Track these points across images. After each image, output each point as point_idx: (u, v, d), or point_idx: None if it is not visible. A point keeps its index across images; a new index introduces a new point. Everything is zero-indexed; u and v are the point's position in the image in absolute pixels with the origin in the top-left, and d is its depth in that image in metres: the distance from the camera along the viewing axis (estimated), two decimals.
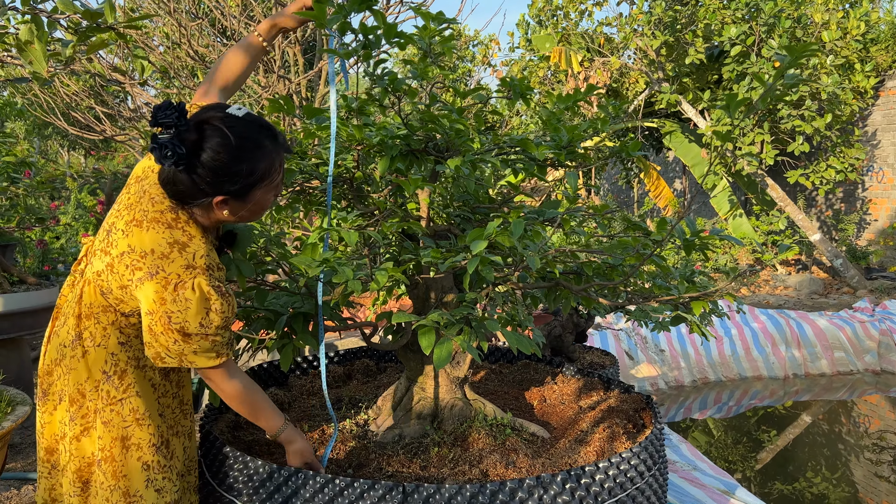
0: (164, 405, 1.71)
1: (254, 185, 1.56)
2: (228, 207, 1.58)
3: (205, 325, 1.53)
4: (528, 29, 10.70)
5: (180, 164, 1.47)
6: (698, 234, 1.91)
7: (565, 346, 3.55)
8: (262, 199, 1.61)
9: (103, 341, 1.62)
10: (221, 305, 1.55)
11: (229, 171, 1.51)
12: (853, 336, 6.76)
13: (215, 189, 1.53)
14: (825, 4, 8.04)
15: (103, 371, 1.62)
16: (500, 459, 1.97)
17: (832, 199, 10.62)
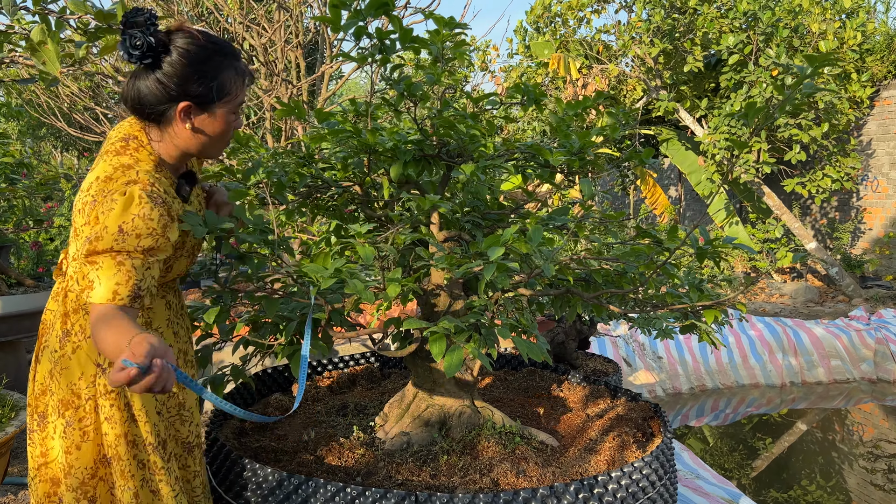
0: (161, 402, 1.63)
1: (219, 94, 1.53)
2: (192, 120, 1.53)
3: (124, 231, 1.39)
4: (526, 36, 10.72)
5: (147, 57, 1.44)
6: (712, 243, 1.91)
7: (568, 352, 3.54)
8: (225, 119, 1.58)
9: None
10: (151, 211, 1.42)
11: (197, 68, 1.49)
12: (849, 344, 6.78)
13: (180, 89, 1.48)
14: (822, 15, 8.09)
15: (97, 364, 1.54)
16: (510, 468, 1.95)
17: (827, 207, 10.66)
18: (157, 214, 1.43)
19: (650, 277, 1.92)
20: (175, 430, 1.67)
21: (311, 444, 2.11)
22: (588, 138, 2.09)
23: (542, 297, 2.32)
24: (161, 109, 1.50)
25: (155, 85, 1.47)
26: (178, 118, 1.51)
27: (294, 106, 2.03)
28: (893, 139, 9.77)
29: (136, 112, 1.53)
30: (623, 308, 2.20)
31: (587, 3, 9.25)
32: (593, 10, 9.52)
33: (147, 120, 1.54)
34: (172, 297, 1.71)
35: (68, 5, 1.73)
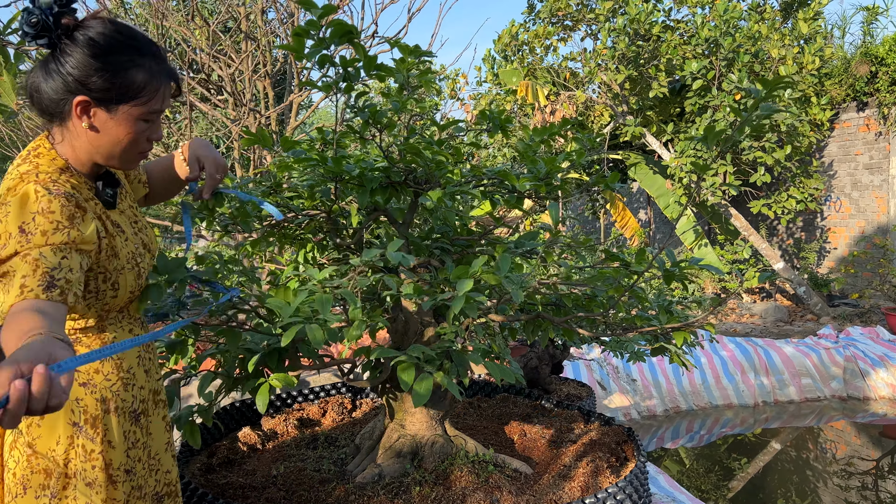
0: (134, 458, 1.44)
1: (123, 92, 1.34)
2: (88, 118, 1.34)
3: (26, 232, 1.23)
4: (495, 64, 10.85)
5: (42, 37, 1.28)
6: (678, 265, 1.92)
7: (542, 377, 3.52)
8: (130, 123, 1.37)
9: None
10: (49, 204, 1.26)
11: (102, 59, 1.31)
12: (819, 363, 6.86)
13: (78, 80, 1.30)
14: (781, 41, 8.31)
15: (73, 423, 1.36)
16: (483, 498, 1.92)
17: (793, 228, 10.86)
18: (59, 205, 1.27)
19: (618, 301, 1.92)
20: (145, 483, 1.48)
21: (279, 479, 2.06)
22: (554, 164, 2.10)
23: (514, 322, 2.31)
24: (58, 102, 1.33)
25: (53, 74, 1.31)
26: (75, 113, 1.33)
27: (260, 135, 2.01)
28: (854, 160, 10.03)
29: (36, 108, 1.37)
30: (594, 332, 2.19)
31: (553, 32, 9.41)
32: (559, 39, 9.69)
33: (47, 117, 1.37)
34: (140, 331, 1.56)
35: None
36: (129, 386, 1.44)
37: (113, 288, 1.41)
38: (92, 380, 1.39)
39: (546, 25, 9.43)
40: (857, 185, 9.99)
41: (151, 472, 1.49)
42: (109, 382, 1.40)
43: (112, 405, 1.40)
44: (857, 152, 9.98)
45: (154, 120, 1.41)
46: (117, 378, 1.42)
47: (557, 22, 9.44)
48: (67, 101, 1.32)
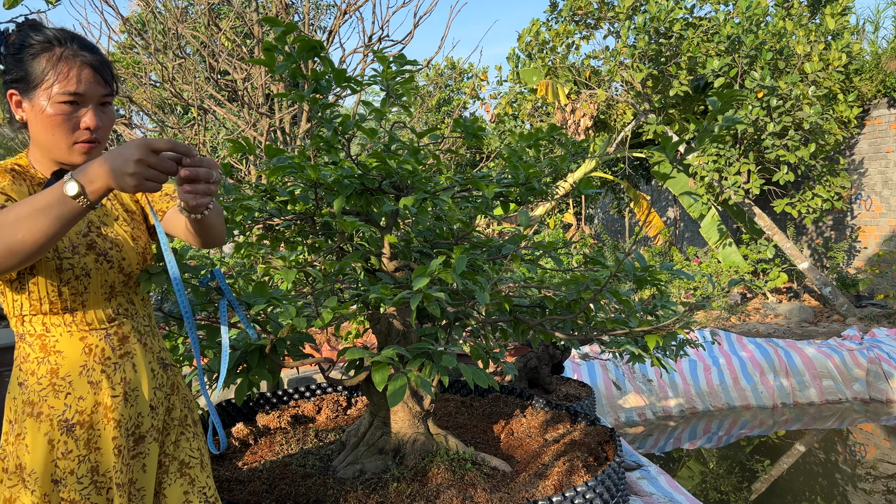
0: (65, 469, 1.41)
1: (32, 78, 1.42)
2: (21, 110, 1.44)
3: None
4: (518, 62, 10.87)
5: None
6: (647, 269, 1.95)
7: (541, 377, 3.56)
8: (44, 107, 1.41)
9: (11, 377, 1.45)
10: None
11: (14, 54, 1.43)
12: (841, 364, 6.75)
13: (5, 80, 1.44)
14: (807, 37, 8.18)
15: (9, 420, 1.43)
16: (456, 494, 1.98)
17: (822, 227, 10.68)
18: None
19: (588, 304, 1.96)
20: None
21: (264, 473, 2.15)
22: (532, 170, 2.14)
23: (497, 323, 2.36)
24: (6, 107, 1.46)
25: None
26: (14, 110, 1.45)
27: (245, 143, 2.09)
28: (885, 158, 9.81)
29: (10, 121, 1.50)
30: (572, 333, 2.23)
31: (574, 31, 9.38)
32: (582, 37, 9.66)
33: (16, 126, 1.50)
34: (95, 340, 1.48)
35: None
36: (59, 393, 1.41)
37: (31, 272, 1.41)
38: (26, 381, 1.42)
39: (567, 24, 9.41)
40: (889, 184, 9.78)
41: (100, 490, 1.44)
42: (40, 387, 1.41)
43: (36, 409, 1.41)
44: (888, 150, 9.76)
45: (81, 104, 1.44)
46: (48, 383, 1.41)
47: (579, 20, 9.42)
48: (4, 98, 1.44)
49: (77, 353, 1.44)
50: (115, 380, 1.47)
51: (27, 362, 1.43)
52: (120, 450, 1.43)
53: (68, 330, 1.45)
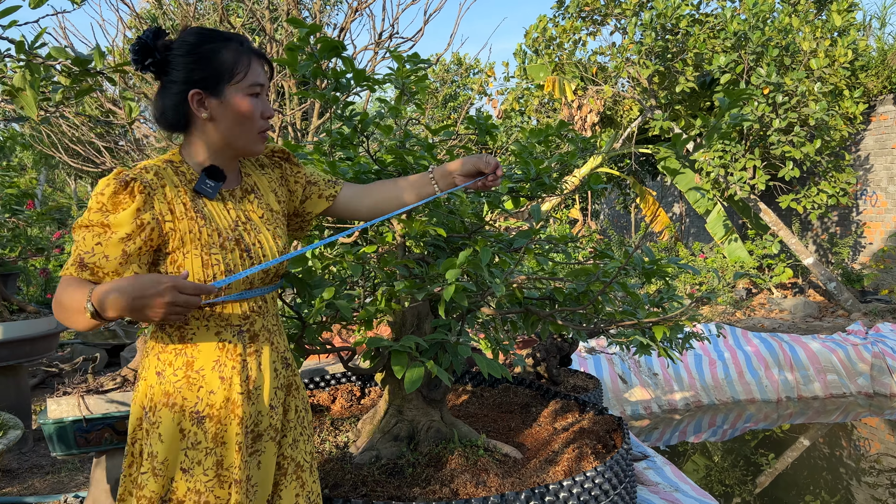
0: (193, 459, 1.45)
1: (222, 75, 1.48)
2: (207, 109, 1.48)
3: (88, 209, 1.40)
4: (525, 58, 10.91)
5: (147, 58, 1.45)
6: (656, 262, 2.02)
7: (549, 369, 3.63)
8: (238, 101, 1.49)
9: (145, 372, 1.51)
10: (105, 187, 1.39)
11: (193, 52, 1.46)
12: (846, 359, 6.80)
13: (186, 79, 1.46)
14: (813, 33, 8.21)
15: (143, 406, 1.49)
16: (470, 479, 2.05)
17: (828, 222, 10.71)
18: (111, 190, 1.38)
19: (597, 296, 2.02)
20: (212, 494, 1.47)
21: None
22: (542, 166, 2.21)
23: (508, 315, 2.43)
24: (177, 110, 1.49)
25: (169, 86, 1.48)
26: (194, 109, 1.48)
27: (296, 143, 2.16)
28: (890, 154, 9.84)
29: (164, 126, 1.54)
30: (581, 325, 2.30)
31: (581, 27, 9.42)
32: (588, 33, 9.70)
33: (175, 130, 1.53)
34: (229, 336, 1.51)
35: (52, 52, 1.88)
36: (193, 386, 1.45)
37: (178, 272, 1.44)
38: (164, 371, 1.46)
39: (574, 20, 9.45)
40: (894, 179, 9.81)
41: (222, 484, 1.47)
42: (175, 378, 1.45)
43: (171, 400, 1.44)
44: (894, 145, 9.79)
45: (259, 94, 1.52)
46: (183, 375, 1.45)
47: (586, 17, 9.46)
48: (184, 103, 1.47)
49: (212, 347, 1.48)
50: (242, 377, 1.49)
51: (165, 352, 1.47)
52: (240, 446, 1.45)
53: (206, 324, 1.48)
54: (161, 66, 1.47)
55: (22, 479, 3.57)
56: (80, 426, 2.83)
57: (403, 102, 2.22)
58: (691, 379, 6.56)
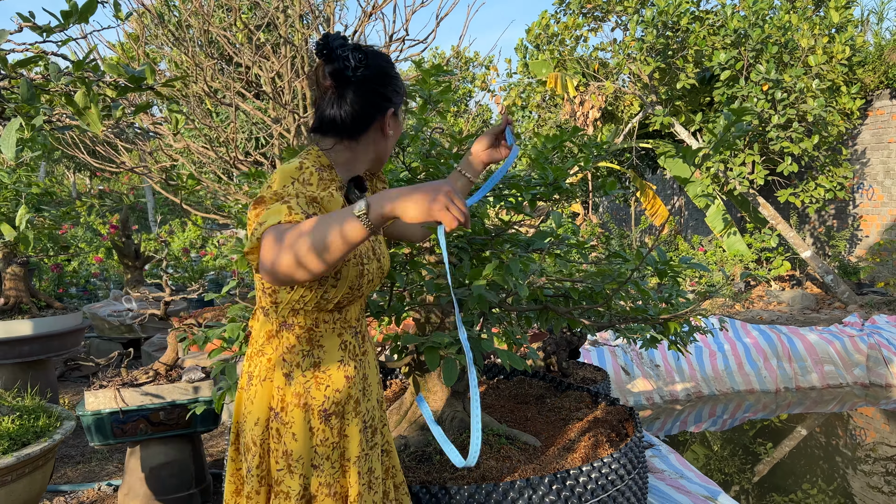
0: (322, 455, 1.53)
1: (402, 96, 1.58)
2: (390, 124, 1.57)
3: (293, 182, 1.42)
4: (527, 53, 11.03)
5: (358, 71, 1.47)
6: (668, 263, 2.17)
7: (559, 362, 3.78)
8: (400, 124, 1.62)
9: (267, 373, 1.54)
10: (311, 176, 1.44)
11: (392, 75, 1.55)
12: (842, 350, 6.97)
13: (386, 97, 1.53)
14: (811, 30, 8.34)
15: (271, 408, 1.53)
16: (495, 465, 2.21)
17: (825, 216, 10.87)
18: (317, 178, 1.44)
19: (613, 294, 2.17)
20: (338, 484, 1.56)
21: None
22: (561, 171, 2.35)
23: (527, 312, 2.58)
24: (367, 122, 1.52)
25: (367, 97, 1.50)
26: (385, 125, 1.54)
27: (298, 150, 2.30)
28: (887, 148, 9.99)
29: (329, 130, 1.53)
30: (597, 321, 2.45)
31: (583, 24, 9.55)
32: (590, 29, 9.82)
33: (343, 136, 1.53)
34: (350, 339, 1.59)
35: (105, 69, 2.02)
36: (321, 386, 1.52)
37: (335, 277, 1.47)
38: (292, 373, 1.51)
39: (576, 17, 9.57)
40: (890, 173, 9.97)
41: (344, 474, 1.56)
42: (304, 379, 1.51)
43: (302, 400, 1.50)
44: (890, 140, 9.94)
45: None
46: (312, 376, 1.51)
47: (588, 13, 9.58)
48: (374, 118, 1.52)
49: (336, 348, 1.55)
50: (360, 374, 1.59)
51: (291, 353, 1.51)
52: (360, 441, 1.55)
53: (332, 327, 1.54)
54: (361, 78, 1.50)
55: (55, 469, 3.72)
56: (116, 417, 2.98)
57: (428, 113, 2.36)
58: (692, 370, 6.73)
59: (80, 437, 4.11)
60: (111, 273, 9.84)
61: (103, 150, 4.33)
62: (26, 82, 1.82)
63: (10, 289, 4.17)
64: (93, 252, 9.06)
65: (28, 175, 4.50)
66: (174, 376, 3.15)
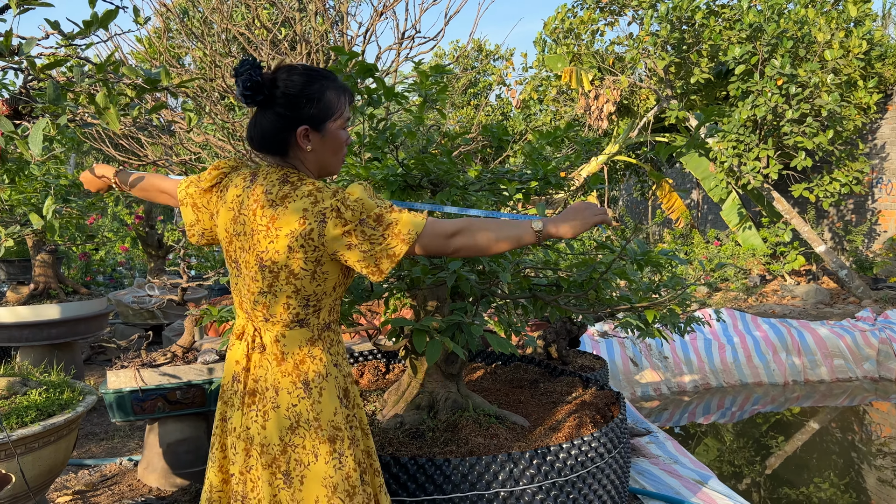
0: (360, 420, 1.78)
1: (327, 113, 1.64)
2: (310, 141, 1.65)
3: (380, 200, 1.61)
4: (545, 47, 11.11)
5: (258, 95, 1.61)
6: (647, 254, 2.30)
7: (559, 350, 3.92)
8: (336, 133, 1.68)
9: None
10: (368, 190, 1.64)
11: (304, 93, 1.62)
12: (853, 344, 7.01)
13: (296, 115, 1.62)
14: (827, 25, 8.33)
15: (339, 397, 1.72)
16: (483, 442, 2.36)
17: (843, 210, 10.83)
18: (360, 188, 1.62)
19: (597, 282, 2.31)
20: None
21: None
22: (548, 166, 2.49)
23: (518, 300, 2.72)
24: (282, 138, 1.64)
25: (274, 118, 1.63)
26: (299, 142, 1.64)
27: None
28: None
29: (262, 149, 1.68)
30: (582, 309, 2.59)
31: (598, 18, 9.61)
32: (606, 23, 9.88)
33: (272, 153, 1.68)
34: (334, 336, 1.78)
35: (125, 71, 2.20)
36: (342, 370, 1.74)
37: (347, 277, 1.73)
38: (340, 363, 1.74)
39: (592, 11, 9.64)
40: None
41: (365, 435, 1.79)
42: (344, 363, 1.77)
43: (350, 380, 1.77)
44: None
45: (346, 127, 1.72)
46: (345, 362, 1.77)
47: (604, 7, 9.64)
48: (290, 134, 1.64)
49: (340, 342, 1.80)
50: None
51: (335, 346, 1.73)
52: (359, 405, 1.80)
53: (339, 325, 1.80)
54: (268, 100, 1.64)
55: (79, 445, 3.94)
56: (136, 396, 3.19)
57: (426, 110, 2.51)
58: (700, 362, 6.81)
59: (103, 417, 4.33)
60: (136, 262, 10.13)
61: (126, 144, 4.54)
62: (53, 84, 1.99)
63: (39, 275, 4.40)
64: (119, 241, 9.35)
65: (57, 167, 4.73)
66: (190, 358, 3.34)
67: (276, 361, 1.65)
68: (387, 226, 1.58)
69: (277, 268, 1.61)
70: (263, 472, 1.63)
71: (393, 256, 1.58)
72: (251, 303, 1.68)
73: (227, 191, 1.74)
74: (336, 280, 1.67)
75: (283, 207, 1.59)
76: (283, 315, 1.65)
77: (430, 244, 1.60)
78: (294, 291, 1.63)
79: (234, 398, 1.71)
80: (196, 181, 1.82)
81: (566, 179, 2.74)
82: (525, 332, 2.90)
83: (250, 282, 1.66)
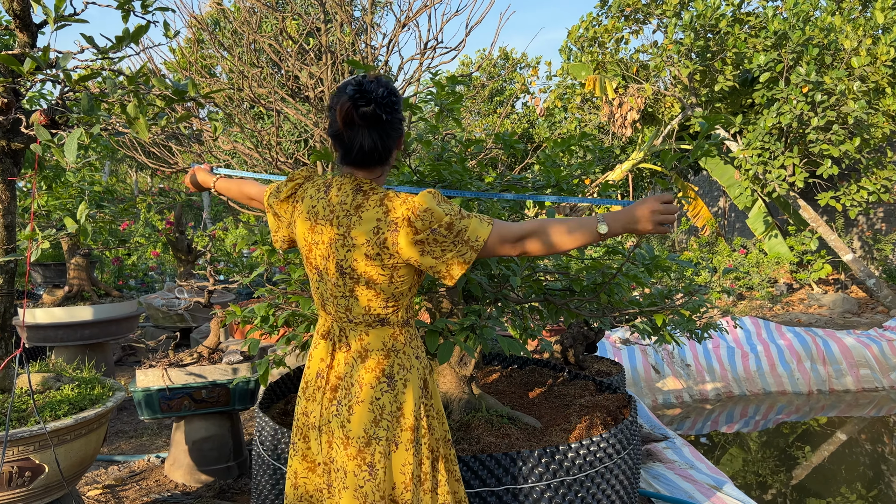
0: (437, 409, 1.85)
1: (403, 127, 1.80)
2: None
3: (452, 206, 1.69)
4: (570, 55, 11.17)
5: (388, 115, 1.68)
6: (655, 258, 2.35)
7: (576, 355, 3.97)
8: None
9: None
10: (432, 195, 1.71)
11: (401, 109, 1.75)
12: (879, 354, 6.93)
13: (400, 130, 1.76)
14: (854, 32, 8.27)
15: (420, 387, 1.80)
16: (494, 441, 2.43)
17: (873, 218, 10.70)
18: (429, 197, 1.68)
19: (606, 286, 2.37)
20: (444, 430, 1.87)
21: None
22: (560, 173, 2.56)
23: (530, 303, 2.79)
24: (391, 151, 1.75)
25: (390, 132, 1.71)
26: (393, 154, 1.78)
27: (325, 151, 2.56)
28: None
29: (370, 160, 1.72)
30: (592, 313, 2.65)
31: (622, 27, 9.64)
32: (631, 31, 9.90)
33: (371, 166, 1.74)
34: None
35: (154, 83, 2.32)
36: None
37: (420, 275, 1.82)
38: (421, 356, 1.83)
39: (617, 19, 9.67)
40: None
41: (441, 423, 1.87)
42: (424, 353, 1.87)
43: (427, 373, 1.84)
44: None
45: None
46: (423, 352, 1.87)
47: (629, 16, 9.67)
48: (395, 148, 1.76)
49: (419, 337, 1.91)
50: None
51: (414, 339, 1.83)
52: None
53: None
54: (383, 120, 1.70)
55: (109, 442, 4.08)
56: (163, 394, 3.31)
57: (442, 119, 2.60)
58: (723, 370, 6.78)
59: (133, 416, 4.48)
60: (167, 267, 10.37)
61: (157, 152, 4.70)
62: (87, 95, 2.12)
63: (73, 278, 4.57)
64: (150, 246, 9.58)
65: (91, 174, 4.90)
66: (216, 359, 3.46)
67: (360, 359, 1.74)
68: (457, 233, 1.65)
69: (357, 274, 1.71)
70: (349, 462, 1.70)
71: (464, 263, 1.67)
72: (334, 305, 1.77)
73: (301, 202, 1.82)
74: (412, 281, 1.77)
75: (358, 217, 1.69)
76: (366, 315, 1.75)
77: (499, 248, 1.69)
78: (374, 294, 1.73)
79: (317, 393, 1.80)
80: (275, 191, 1.91)
81: (589, 186, 2.80)
82: (541, 336, 2.96)
83: (332, 287, 1.75)
